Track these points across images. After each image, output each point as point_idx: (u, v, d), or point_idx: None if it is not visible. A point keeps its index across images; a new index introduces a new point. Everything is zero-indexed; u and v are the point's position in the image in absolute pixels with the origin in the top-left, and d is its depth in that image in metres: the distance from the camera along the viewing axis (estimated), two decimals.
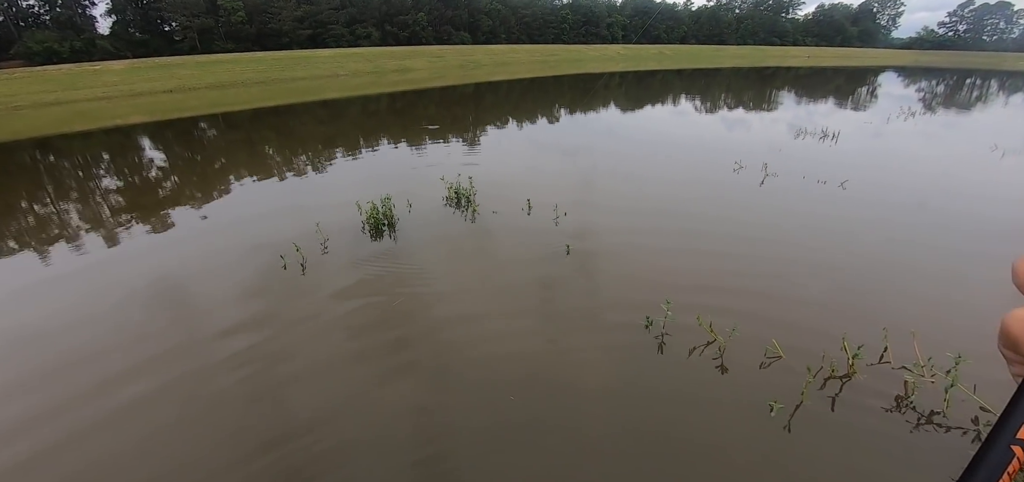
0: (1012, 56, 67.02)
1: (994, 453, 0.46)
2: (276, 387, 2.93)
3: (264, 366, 3.12)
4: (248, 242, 5.14)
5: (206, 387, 2.96)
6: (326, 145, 10.85)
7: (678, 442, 2.48)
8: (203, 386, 2.97)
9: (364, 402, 2.80)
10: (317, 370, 3.07)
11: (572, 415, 2.66)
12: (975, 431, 2.47)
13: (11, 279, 4.60)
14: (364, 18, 60.60)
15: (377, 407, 2.76)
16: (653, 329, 3.35)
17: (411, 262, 4.52)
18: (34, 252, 5.29)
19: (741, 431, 2.52)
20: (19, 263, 5.00)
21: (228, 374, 3.05)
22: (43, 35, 44.09)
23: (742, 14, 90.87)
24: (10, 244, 5.52)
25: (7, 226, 6.20)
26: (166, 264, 4.70)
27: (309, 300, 3.91)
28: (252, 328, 3.51)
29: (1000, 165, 7.85)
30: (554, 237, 4.95)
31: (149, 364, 3.16)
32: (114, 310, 3.86)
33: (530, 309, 3.71)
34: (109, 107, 21.02)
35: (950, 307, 3.60)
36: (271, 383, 2.97)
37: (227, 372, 3.07)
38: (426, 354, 3.21)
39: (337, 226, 5.39)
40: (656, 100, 19.22)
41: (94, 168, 9.88)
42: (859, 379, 2.84)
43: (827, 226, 5.19)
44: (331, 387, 2.92)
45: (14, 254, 5.24)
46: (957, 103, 18.22)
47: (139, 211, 6.59)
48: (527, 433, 2.55)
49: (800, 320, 3.44)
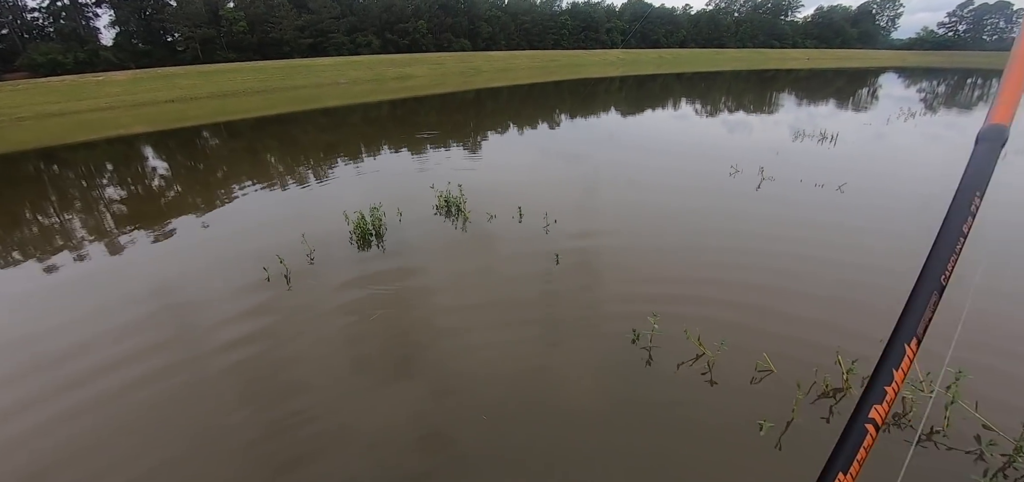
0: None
1: (853, 434, 0.59)
2: (245, 399, 2.84)
3: (254, 372, 3.03)
4: (243, 251, 5.07)
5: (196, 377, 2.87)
6: (327, 153, 10.87)
7: (665, 463, 2.36)
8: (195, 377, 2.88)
9: (341, 416, 2.70)
10: (293, 376, 2.98)
11: (556, 435, 2.55)
12: (978, 450, 2.34)
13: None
14: (364, 27, 61.11)
15: (353, 421, 2.66)
16: (641, 342, 3.24)
17: (398, 272, 4.43)
18: (32, 259, 5.24)
19: (730, 451, 2.40)
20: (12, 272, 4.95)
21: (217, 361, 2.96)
22: (47, 47, 44.65)
23: (741, 18, 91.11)
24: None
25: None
26: (164, 271, 4.63)
27: (303, 307, 3.82)
28: (246, 339, 3.43)
29: (1002, 165, 7.70)
30: (545, 245, 4.85)
31: (144, 355, 3.08)
32: (108, 318, 3.78)
33: (514, 321, 3.60)
34: (112, 117, 21.18)
35: (950, 316, 3.46)
36: (248, 393, 2.87)
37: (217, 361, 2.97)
38: (395, 371, 3.11)
39: (322, 237, 5.32)
40: (655, 104, 19.17)
41: (97, 177, 9.92)
42: (854, 394, 2.72)
43: (823, 231, 5.07)
44: (299, 397, 2.83)
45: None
46: (958, 103, 18.07)
47: (139, 221, 6.57)
48: (504, 455, 2.44)
49: (793, 331, 3.31)
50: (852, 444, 0.59)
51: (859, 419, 0.59)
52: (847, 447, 0.60)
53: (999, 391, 2.62)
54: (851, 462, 0.59)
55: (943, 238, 0.66)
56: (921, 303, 0.62)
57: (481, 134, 12.56)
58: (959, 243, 0.66)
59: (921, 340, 0.61)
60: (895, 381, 0.59)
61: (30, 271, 5.06)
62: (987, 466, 2.25)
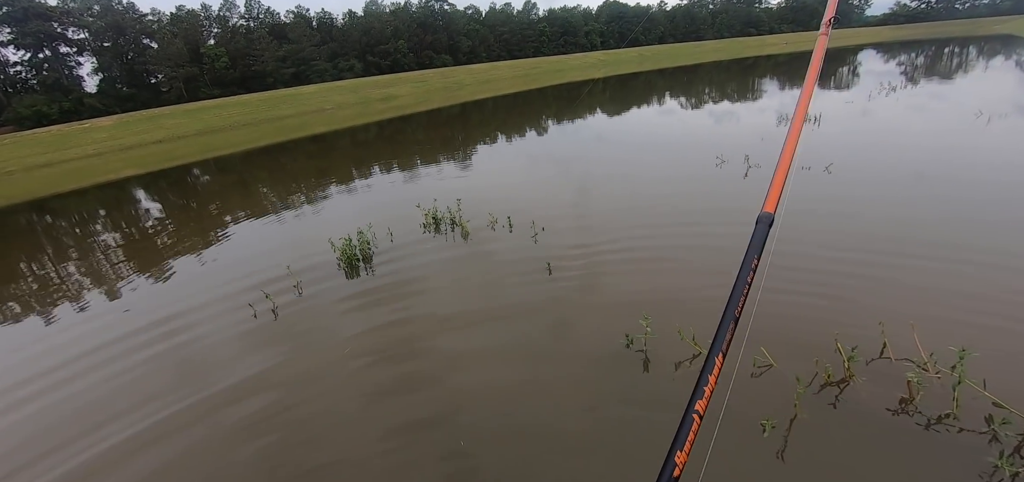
0: (987, 21, 67.99)
1: (686, 422, 0.85)
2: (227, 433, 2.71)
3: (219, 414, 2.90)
4: (239, 286, 4.95)
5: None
6: (319, 177, 10.83)
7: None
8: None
9: (329, 438, 2.58)
10: (270, 404, 2.86)
11: (553, 443, 2.44)
12: (991, 431, 2.25)
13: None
14: (346, 51, 61.56)
15: (339, 440, 2.54)
16: (635, 345, 3.15)
17: (389, 292, 4.33)
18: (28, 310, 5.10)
19: (735, 451, 2.31)
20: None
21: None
22: (32, 99, 44.55)
23: (716, 9, 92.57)
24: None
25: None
26: (157, 311, 4.50)
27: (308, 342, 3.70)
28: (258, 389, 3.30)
29: (986, 131, 7.74)
30: (536, 254, 4.77)
31: (162, 415, 2.94)
32: (111, 378, 3.64)
33: (507, 332, 3.50)
34: (101, 163, 21.07)
35: (947, 291, 3.40)
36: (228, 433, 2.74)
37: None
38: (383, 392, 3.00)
39: (312, 264, 5.22)
40: (639, 102, 19.28)
41: (90, 225, 9.82)
42: (858, 382, 2.63)
43: (811, 215, 5.01)
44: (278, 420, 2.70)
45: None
46: (937, 73, 18.29)
47: (135, 261, 6.51)
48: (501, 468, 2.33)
49: (788, 320, 3.23)
50: (685, 429, 0.84)
51: (689, 411, 0.86)
52: (682, 432, 0.84)
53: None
54: (684, 442, 0.83)
55: (737, 286, 0.99)
56: (725, 329, 0.94)
57: (470, 147, 12.54)
58: (746, 287, 1.00)
59: (726, 354, 0.93)
60: (710, 384, 0.89)
61: (26, 317, 4.91)
62: (1002, 447, 2.17)
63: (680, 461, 0.80)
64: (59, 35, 48.66)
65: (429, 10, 68.85)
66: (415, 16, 66.98)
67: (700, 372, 0.90)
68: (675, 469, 0.80)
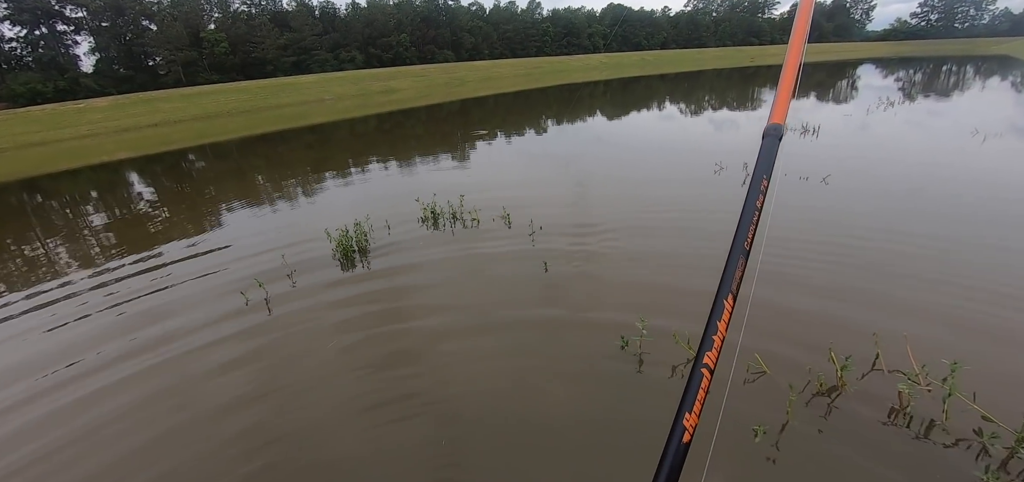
0: (984, 41, 68.86)
1: (694, 379, 0.73)
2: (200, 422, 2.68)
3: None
4: (232, 278, 4.90)
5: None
6: (315, 169, 10.73)
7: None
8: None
9: (313, 436, 2.56)
10: (261, 395, 2.83)
11: (547, 443, 2.44)
12: (979, 443, 2.27)
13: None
14: (347, 42, 61.19)
15: (324, 442, 2.52)
16: (630, 348, 3.15)
17: (383, 288, 4.31)
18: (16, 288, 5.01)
19: (726, 456, 2.31)
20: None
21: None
22: (26, 77, 43.96)
23: (719, 17, 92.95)
24: None
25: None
26: (146, 298, 4.44)
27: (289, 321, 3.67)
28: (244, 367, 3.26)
29: (982, 150, 7.82)
30: (533, 251, 4.77)
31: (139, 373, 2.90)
32: (98, 351, 3.59)
33: (501, 329, 3.49)
34: (95, 144, 20.80)
35: (941, 305, 3.43)
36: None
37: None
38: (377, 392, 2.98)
39: (307, 255, 5.18)
40: (640, 105, 19.32)
41: (82, 205, 9.67)
42: (850, 391, 2.65)
43: (808, 225, 5.04)
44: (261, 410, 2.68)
45: None
46: (935, 90, 18.46)
47: (125, 245, 6.42)
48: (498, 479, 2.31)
49: (783, 329, 3.24)
50: (694, 387, 0.72)
51: (697, 366, 0.73)
52: (690, 390, 0.72)
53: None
54: (693, 402, 0.71)
55: (745, 213, 0.80)
56: (733, 265, 0.78)
57: (469, 144, 12.50)
58: (755, 216, 0.80)
59: (736, 295, 0.77)
60: (719, 331, 0.75)
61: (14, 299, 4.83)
62: (990, 460, 2.18)
63: (689, 424, 0.69)
64: (57, 13, 48.02)
65: (433, 4, 68.61)
66: (419, 10, 66.78)
67: (708, 318, 0.75)
68: (685, 434, 0.68)
